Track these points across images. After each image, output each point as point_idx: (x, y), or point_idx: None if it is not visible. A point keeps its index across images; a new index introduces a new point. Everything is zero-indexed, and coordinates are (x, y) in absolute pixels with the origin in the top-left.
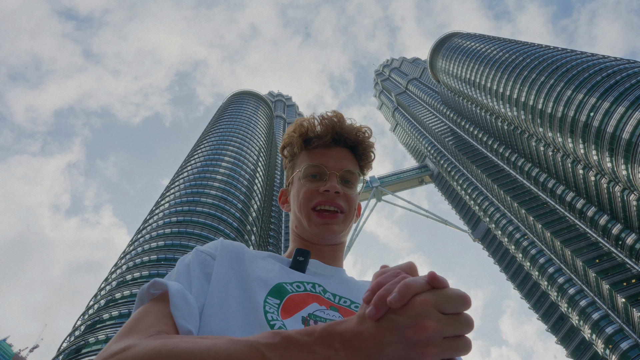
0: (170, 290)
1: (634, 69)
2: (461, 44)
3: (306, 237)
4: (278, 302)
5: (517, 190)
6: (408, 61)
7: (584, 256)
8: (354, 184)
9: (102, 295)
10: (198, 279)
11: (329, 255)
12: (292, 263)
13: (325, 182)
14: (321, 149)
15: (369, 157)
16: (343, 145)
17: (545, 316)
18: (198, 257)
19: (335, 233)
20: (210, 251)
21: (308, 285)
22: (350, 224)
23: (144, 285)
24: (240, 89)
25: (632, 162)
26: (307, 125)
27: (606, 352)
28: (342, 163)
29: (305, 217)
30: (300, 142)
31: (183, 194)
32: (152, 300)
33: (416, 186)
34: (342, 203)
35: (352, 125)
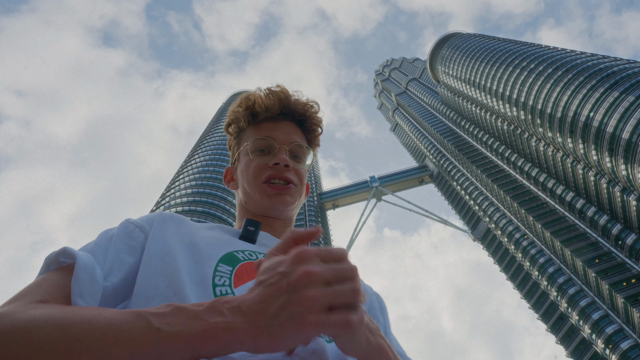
0: (77, 262)
1: (633, 68)
2: (461, 44)
3: (256, 212)
4: (230, 269)
5: (517, 190)
6: (408, 61)
7: (583, 256)
8: (303, 158)
9: None
10: (117, 253)
11: (280, 230)
12: (242, 233)
13: (274, 155)
14: (269, 123)
15: (316, 131)
16: (291, 119)
17: (545, 316)
18: (125, 228)
19: (288, 204)
20: (142, 223)
21: (260, 254)
22: (301, 199)
23: (53, 251)
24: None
25: (631, 162)
26: (254, 99)
27: (606, 352)
28: (290, 137)
29: (257, 191)
30: (247, 116)
31: (183, 194)
32: (57, 269)
33: (416, 186)
34: (292, 177)
35: (299, 99)
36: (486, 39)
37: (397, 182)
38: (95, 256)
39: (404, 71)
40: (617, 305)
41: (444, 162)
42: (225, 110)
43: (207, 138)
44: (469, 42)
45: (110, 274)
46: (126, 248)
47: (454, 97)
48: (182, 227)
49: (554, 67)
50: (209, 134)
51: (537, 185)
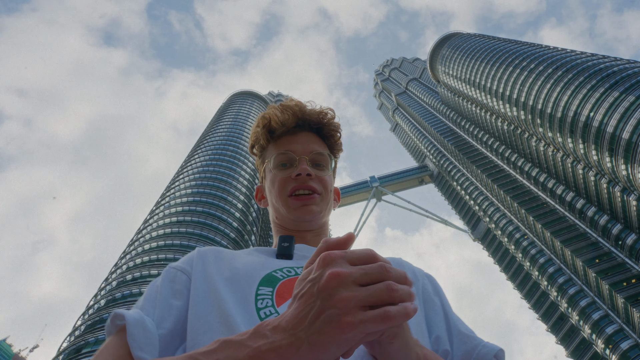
0: (127, 320)
1: (633, 68)
2: (461, 44)
3: (288, 226)
4: (271, 289)
5: (517, 190)
6: (408, 61)
7: (583, 256)
8: (325, 165)
9: (102, 295)
10: (164, 300)
11: (313, 240)
12: (278, 251)
13: (295, 167)
14: (287, 137)
15: (335, 137)
16: (308, 129)
17: (545, 316)
18: (168, 275)
19: (314, 214)
20: (183, 266)
21: (298, 269)
22: (329, 206)
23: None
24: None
25: (632, 162)
26: (269, 116)
27: (606, 352)
28: (309, 146)
29: (283, 205)
30: (265, 134)
31: (183, 194)
32: (115, 332)
33: (416, 186)
34: (316, 185)
35: (313, 109)
36: (486, 39)
37: (397, 182)
38: (145, 309)
39: (404, 71)
40: (617, 305)
41: (444, 162)
42: (225, 110)
43: (207, 138)
44: (469, 42)
45: (162, 321)
46: (172, 293)
47: (454, 97)
48: (221, 259)
49: (554, 67)
50: (209, 134)
51: (537, 185)
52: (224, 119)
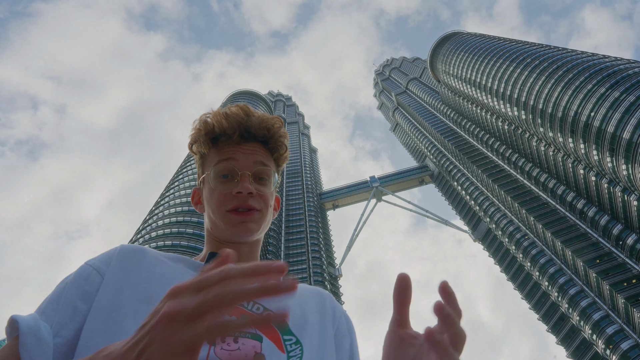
0: (20, 328)
1: (634, 68)
2: (461, 43)
3: (222, 238)
4: None
5: (518, 191)
6: (408, 61)
7: (584, 256)
8: (269, 179)
9: None
10: (70, 303)
11: (246, 254)
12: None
13: (237, 183)
14: (230, 146)
15: (281, 149)
16: (253, 140)
17: (546, 316)
18: (81, 272)
19: (252, 232)
20: (99, 264)
21: None
22: (268, 221)
23: (6, 324)
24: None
25: (632, 162)
26: (213, 122)
27: (607, 353)
28: (252, 158)
29: (221, 220)
30: (207, 140)
31: (182, 194)
32: (12, 339)
33: (416, 186)
34: (256, 203)
35: (260, 117)
36: (487, 38)
37: (398, 182)
38: (46, 313)
39: (405, 71)
40: (618, 306)
41: (445, 162)
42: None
43: None
44: (470, 42)
45: (62, 328)
46: (80, 294)
47: (454, 97)
48: (141, 266)
49: (555, 67)
50: None
51: (538, 185)
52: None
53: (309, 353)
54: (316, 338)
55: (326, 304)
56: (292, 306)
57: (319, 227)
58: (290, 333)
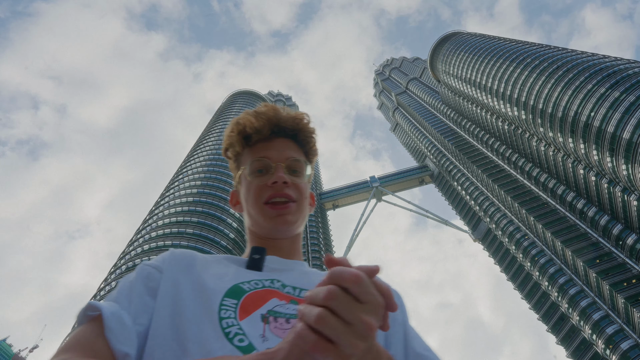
0: (103, 313)
1: (634, 68)
2: (461, 43)
3: (263, 234)
4: (235, 302)
5: (518, 191)
6: (408, 61)
7: (584, 256)
8: (302, 172)
9: (101, 296)
10: (140, 296)
11: (287, 249)
12: (248, 262)
13: (272, 174)
14: (262, 143)
15: (310, 142)
16: (284, 135)
17: (546, 316)
18: (142, 271)
19: (290, 224)
20: (157, 264)
21: (266, 281)
22: (305, 213)
23: (82, 307)
24: (240, 89)
25: (632, 162)
26: (244, 122)
27: (606, 353)
28: (285, 153)
29: (259, 213)
30: (240, 140)
31: (182, 194)
32: (88, 322)
33: (416, 186)
34: (292, 192)
35: (288, 113)
36: (487, 38)
37: (398, 182)
38: (120, 303)
39: (405, 70)
40: (618, 306)
41: (445, 162)
42: (224, 110)
43: (206, 138)
44: (470, 42)
45: (138, 317)
46: (146, 290)
47: (454, 97)
48: (192, 265)
49: (555, 67)
50: (208, 134)
51: (538, 185)
52: (223, 119)
53: None
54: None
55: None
56: None
57: (319, 227)
58: None
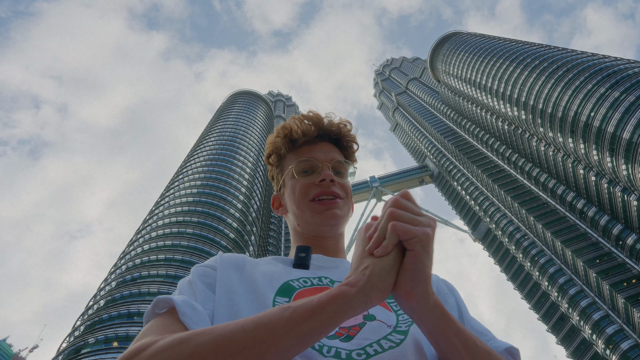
0: (176, 302)
1: (634, 68)
2: (461, 43)
3: (309, 233)
4: (287, 299)
5: (518, 191)
6: (408, 61)
7: (584, 256)
8: (345, 173)
9: (101, 296)
10: (201, 290)
11: (332, 248)
12: (294, 261)
13: (318, 174)
14: (307, 146)
15: (352, 147)
16: (327, 140)
17: (546, 316)
18: (198, 271)
19: (339, 217)
20: (210, 264)
21: (314, 279)
22: (349, 212)
23: (149, 307)
24: (240, 89)
25: (632, 162)
26: (290, 127)
27: (606, 353)
28: (330, 155)
29: (307, 210)
30: (287, 143)
31: (182, 194)
32: (160, 314)
33: (416, 186)
34: (339, 191)
35: (332, 120)
36: (486, 38)
37: (397, 182)
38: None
39: (405, 71)
40: (618, 306)
41: (445, 162)
42: (224, 110)
43: (207, 138)
44: (470, 42)
45: (205, 304)
46: (206, 286)
47: (454, 97)
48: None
49: (555, 67)
50: (209, 134)
51: (538, 185)
52: (223, 119)
53: None
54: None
55: None
56: None
57: None
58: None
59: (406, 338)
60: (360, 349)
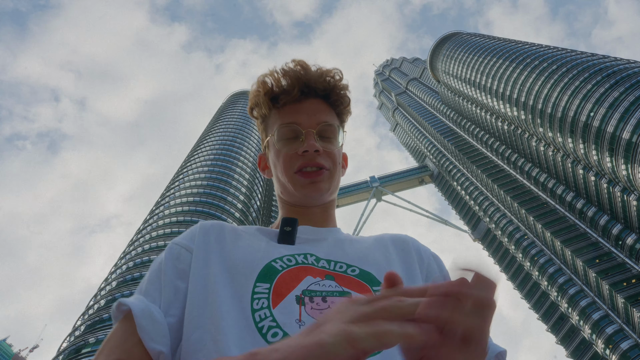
0: (134, 312)
1: (634, 68)
2: (461, 43)
3: (294, 202)
4: (268, 286)
5: (517, 190)
6: (408, 61)
7: (584, 256)
8: (334, 137)
9: (102, 295)
10: (170, 282)
11: (321, 216)
12: (279, 236)
13: (302, 142)
14: (291, 105)
15: (344, 102)
16: (314, 95)
17: (546, 316)
18: (171, 253)
19: (323, 191)
20: (185, 242)
21: (299, 257)
22: (338, 179)
23: (113, 305)
24: (240, 89)
25: (632, 162)
26: (271, 81)
27: (606, 352)
28: (316, 117)
29: (289, 182)
30: (267, 101)
31: (183, 194)
32: (121, 319)
33: (416, 186)
34: (324, 161)
35: (319, 70)
36: (486, 38)
37: (397, 182)
38: (149, 294)
39: (404, 71)
40: (617, 306)
41: (444, 162)
42: (224, 110)
43: (207, 138)
44: (469, 42)
45: (170, 307)
46: (176, 273)
47: (454, 97)
48: (223, 239)
49: (555, 67)
50: (209, 134)
51: (538, 185)
52: (224, 119)
53: None
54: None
55: (410, 249)
56: (377, 255)
57: None
58: (379, 283)
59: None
60: None
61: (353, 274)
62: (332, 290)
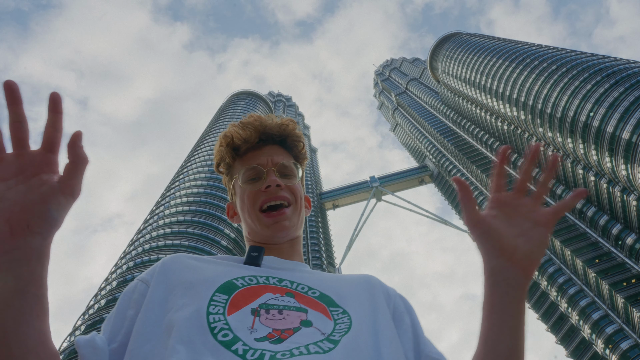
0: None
1: (633, 69)
2: (461, 43)
3: (261, 240)
4: (226, 297)
5: None
6: (408, 61)
7: (583, 256)
8: (293, 175)
9: (102, 295)
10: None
11: (287, 251)
12: (245, 259)
13: (264, 180)
14: (252, 152)
15: (298, 146)
16: (272, 142)
17: (545, 316)
18: (129, 288)
19: (287, 229)
20: (145, 277)
21: (261, 278)
22: (301, 216)
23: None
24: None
25: (632, 162)
26: (231, 134)
27: (606, 352)
28: (275, 158)
29: (255, 221)
30: (230, 152)
31: (183, 194)
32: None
33: (416, 186)
34: (287, 194)
35: (274, 121)
36: (486, 38)
37: (397, 182)
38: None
39: (404, 71)
40: (617, 305)
41: (444, 162)
42: (225, 110)
43: (207, 138)
44: (469, 42)
45: (116, 334)
46: (128, 304)
47: (454, 97)
48: (186, 266)
49: (555, 67)
50: (209, 134)
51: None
52: (224, 119)
53: (358, 323)
54: (367, 312)
55: (376, 286)
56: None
57: (319, 226)
58: (337, 305)
59: (336, 347)
60: (287, 351)
61: (313, 295)
62: (290, 305)
